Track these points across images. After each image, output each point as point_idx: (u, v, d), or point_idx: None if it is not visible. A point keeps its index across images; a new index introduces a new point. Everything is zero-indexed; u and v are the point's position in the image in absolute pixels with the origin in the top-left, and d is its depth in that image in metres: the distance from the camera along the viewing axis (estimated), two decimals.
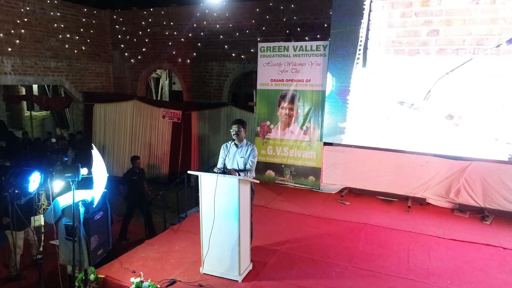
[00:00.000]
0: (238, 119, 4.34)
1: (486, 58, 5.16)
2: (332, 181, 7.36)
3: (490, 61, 5.14)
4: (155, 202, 8.05)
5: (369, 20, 5.75)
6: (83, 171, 3.17)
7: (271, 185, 7.59)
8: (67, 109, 12.41)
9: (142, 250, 4.79)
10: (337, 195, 6.99)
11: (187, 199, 6.50)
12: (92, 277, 4.04)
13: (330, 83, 6.54)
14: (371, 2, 5.73)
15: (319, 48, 7.02)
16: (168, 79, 14.50)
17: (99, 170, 3.29)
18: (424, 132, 5.71)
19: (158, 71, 13.85)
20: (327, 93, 6.65)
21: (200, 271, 4.15)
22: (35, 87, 15.40)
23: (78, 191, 3.36)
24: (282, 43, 7.43)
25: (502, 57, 5.09)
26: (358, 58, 5.94)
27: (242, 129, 4.24)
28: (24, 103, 15.66)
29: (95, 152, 3.30)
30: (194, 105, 10.28)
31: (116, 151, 11.03)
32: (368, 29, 5.78)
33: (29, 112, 14.43)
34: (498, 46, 5.05)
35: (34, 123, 14.49)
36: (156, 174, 10.52)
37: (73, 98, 11.14)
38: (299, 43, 7.26)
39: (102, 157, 10.99)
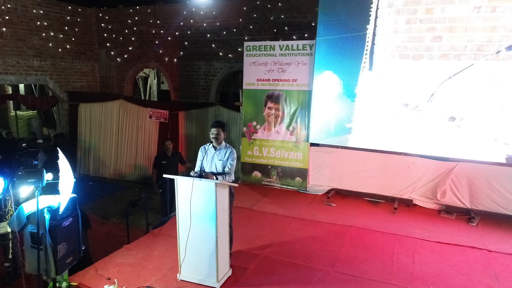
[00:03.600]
0: (217, 121, 4.20)
1: (486, 64, 5.35)
2: (319, 182, 7.26)
3: (490, 67, 5.34)
4: (140, 204, 7.89)
5: (375, 26, 5.91)
6: (48, 176, 3.02)
7: (258, 186, 7.48)
8: (53, 108, 12.18)
9: (119, 256, 4.65)
10: (323, 196, 6.89)
11: (170, 202, 6.34)
12: (64, 285, 3.89)
13: (338, 85, 6.45)
14: (377, 9, 5.87)
15: (306, 47, 6.91)
16: (156, 78, 14.31)
17: (66, 175, 3.14)
18: (427, 133, 5.84)
19: (146, 70, 13.66)
20: (335, 95, 6.49)
21: (177, 278, 4.02)
22: (21, 86, 15.10)
23: (45, 196, 3.21)
24: (268, 42, 7.31)
25: (501, 63, 5.29)
26: (365, 62, 6.07)
27: (222, 132, 4.11)
28: (11, 102, 15.36)
29: (61, 156, 3.15)
30: (181, 105, 10.12)
31: (102, 151, 10.83)
32: (374, 35, 5.93)
33: (16, 111, 14.16)
34: (498, 52, 5.24)
35: (20, 123, 14.22)
36: (143, 175, 10.35)
37: (57, 98, 10.91)
38: (285, 42, 7.14)
39: (88, 158, 10.74)
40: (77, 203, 3.43)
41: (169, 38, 10.47)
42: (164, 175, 3.95)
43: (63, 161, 3.08)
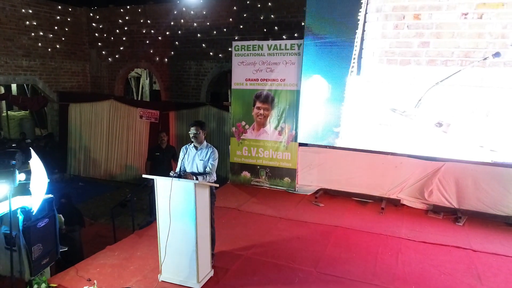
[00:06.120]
0: (196, 121, 4.17)
1: (472, 70, 5.39)
2: (307, 182, 7.24)
3: (476, 73, 5.38)
4: (130, 204, 7.84)
5: (363, 30, 5.93)
6: (21, 176, 2.98)
7: (247, 186, 7.45)
8: (45, 109, 12.10)
9: (101, 257, 4.61)
10: (312, 196, 6.87)
11: (154, 202, 6.28)
12: (43, 286, 3.85)
13: (326, 89, 6.44)
14: (365, 13, 5.88)
15: (294, 47, 6.89)
16: (148, 78, 14.25)
17: (39, 175, 3.10)
18: (415, 138, 5.88)
19: (139, 70, 13.60)
20: (323, 99, 6.49)
21: (158, 279, 3.99)
22: (13, 86, 15.01)
23: (20, 197, 3.17)
24: (256, 42, 7.28)
25: (487, 69, 5.32)
26: (353, 67, 6.09)
27: (201, 131, 4.08)
28: (3, 102, 15.25)
29: (33, 156, 3.10)
30: (172, 105, 10.08)
31: (92, 152, 10.77)
32: (362, 39, 5.95)
33: (8, 112, 14.04)
34: (485, 59, 5.28)
35: (12, 123, 14.11)
36: (133, 176, 10.30)
37: (47, 98, 10.84)
38: (273, 42, 7.12)
39: (78, 158, 10.64)
40: (54, 204, 3.38)
41: (159, 37, 10.43)
42: (144, 175, 3.91)
43: (35, 161, 3.05)
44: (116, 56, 11.24)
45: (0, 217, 3.07)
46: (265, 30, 9.11)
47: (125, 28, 10.86)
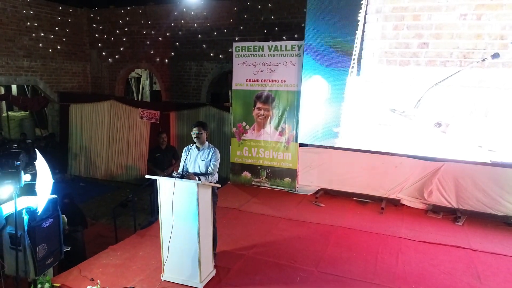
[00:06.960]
0: (198, 122, 4.21)
1: (471, 71, 5.44)
2: (308, 182, 7.29)
3: (475, 74, 5.43)
4: (130, 205, 7.88)
5: (363, 31, 5.97)
6: (26, 177, 3.02)
7: (247, 187, 7.49)
8: (45, 109, 12.13)
9: (104, 257, 4.64)
10: (312, 196, 6.91)
11: (156, 203, 6.31)
12: (47, 286, 3.88)
13: (326, 90, 6.49)
14: (365, 14, 5.93)
15: (294, 48, 6.93)
16: (148, 79, 14.28)
17: (44, 176, 3.13)
18: (414, 139, 5.92)
19: (139, 71, 13.63)
20: (323, 99, 6.52)
21: (161, 278, 4.03)
22: (14, 86, 15.03)
23: (25, 197, 3.20)
24: (257, 43, 7.32)
25: (486, 70, 5.36)
26: (353, 67, 6.14)
27: (203, 132, 4.12)
28: (3, 103, 15.27)
29: (38, 157, 3.14)
30: (172, 105, 10.11)
31: (93, 152, 10.80)
32: (362, 40, 6.00)
33: (9, 112, 14.06)
34: (483, 60, 5.32)
35: (13, 123, 14.14)
36: (134, 176, 10.34)
37: (48, 98, 10.87)
38: (273, 43, 7.16)
39: (79, 158, 10.66)
40: (58, 204, 3.41)
41: (160, 38, 10.46)
42: (147, 176, 3.95)
43: (40, 162, 3.08)
44: (117, 56, 11.27)
45: (6, 217, 3.10)
46: (265, 31, 9.15)
47: (126, 29, 10.89)
